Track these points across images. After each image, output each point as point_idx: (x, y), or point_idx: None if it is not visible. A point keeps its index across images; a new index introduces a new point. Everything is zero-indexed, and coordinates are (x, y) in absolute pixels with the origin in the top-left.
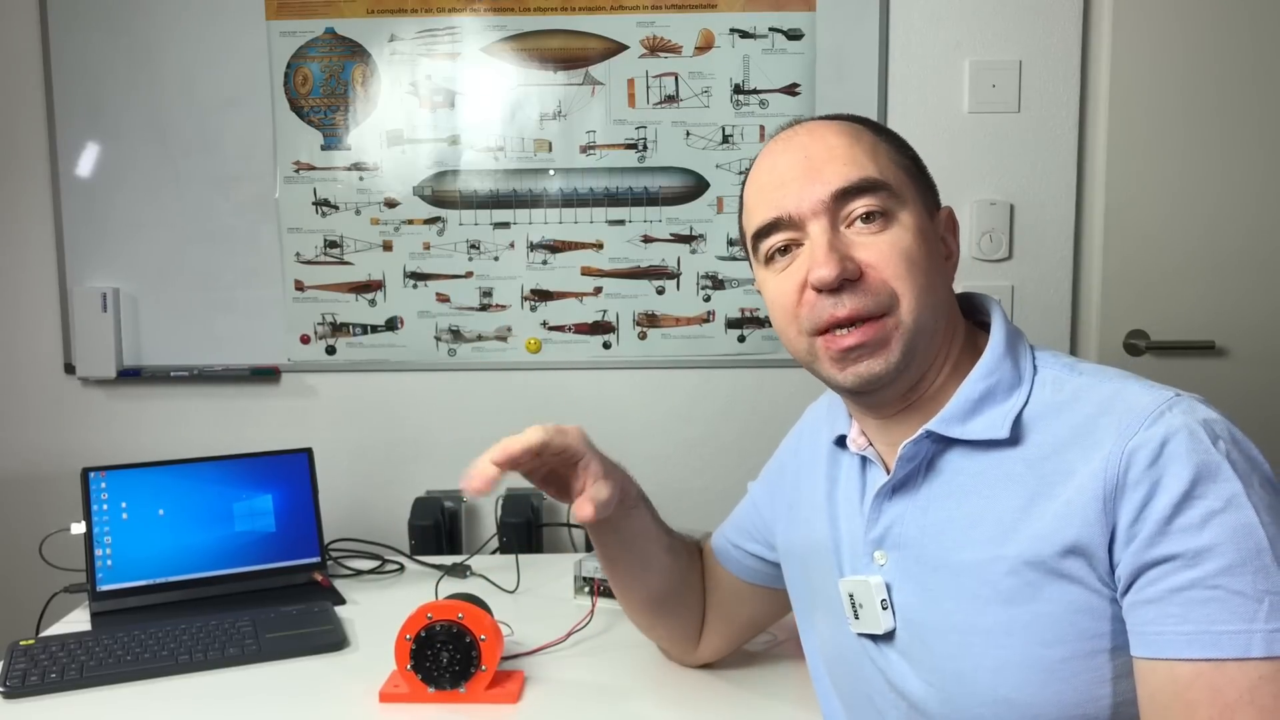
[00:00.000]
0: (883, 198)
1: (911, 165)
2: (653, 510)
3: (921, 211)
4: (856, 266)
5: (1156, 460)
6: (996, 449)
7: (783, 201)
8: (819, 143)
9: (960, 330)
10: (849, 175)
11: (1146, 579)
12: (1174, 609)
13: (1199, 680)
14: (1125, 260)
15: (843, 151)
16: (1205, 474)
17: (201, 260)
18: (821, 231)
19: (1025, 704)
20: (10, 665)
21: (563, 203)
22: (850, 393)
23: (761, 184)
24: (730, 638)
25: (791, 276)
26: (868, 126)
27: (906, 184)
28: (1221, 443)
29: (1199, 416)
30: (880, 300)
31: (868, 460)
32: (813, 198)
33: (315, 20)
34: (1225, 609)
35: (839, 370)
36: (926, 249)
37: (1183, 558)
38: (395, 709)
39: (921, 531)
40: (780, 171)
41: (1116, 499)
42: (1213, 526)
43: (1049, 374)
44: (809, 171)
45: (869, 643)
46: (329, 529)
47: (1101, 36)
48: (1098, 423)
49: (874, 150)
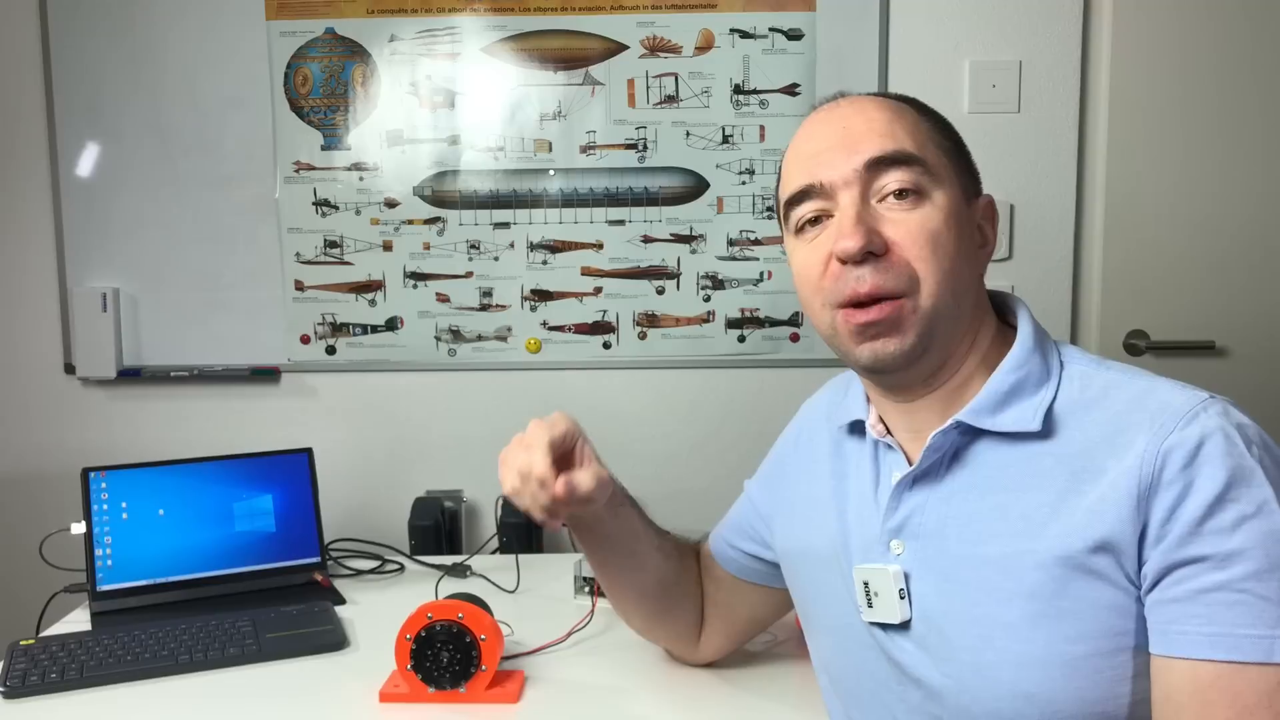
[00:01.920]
0: (917, 173)
1: (954, 148)
2: (640, 511)
3: (958, 195)
4: (883, 241)
5: (1192, 461)
6: (1026, 442)
7: (816, 170)
8: (859, 115)
9: (990, 322)
10: (884, 146)
11: (1174, 578)
12: (1200, 609)
13: (1219, 681)
14: (1125, 260)
15: (882, 125)
16: (1239, 478)
17: (201, 260)
18: (851, 203)
19: (1046, 699)
20: (10, 665)
21: (563, 203)
22: (867, 370)
23: (799, 152)
24: (732, 636)
25: (820, 247)
26: (912, 105)
27: (945, 164)
28: (1255, 448)
29: (1234, 420)
30: (901, 280)
31: (880, 448)
32: (846, 167)
33: (315, 20)
34: (1250, 613)
35: (856, 345)
36: (957, 232)
37: (1212, 560)
38: (395, 709)
39: (943, 522)
40: (817, 140)
41: (1150, 497)
42: (1244, 531)
43: (1076, 369)
44: (846, 142)
45: (879, 632)
46: (329, 529)
47: (1101, 36)
48: (1129, 420)
49: (915, 127)
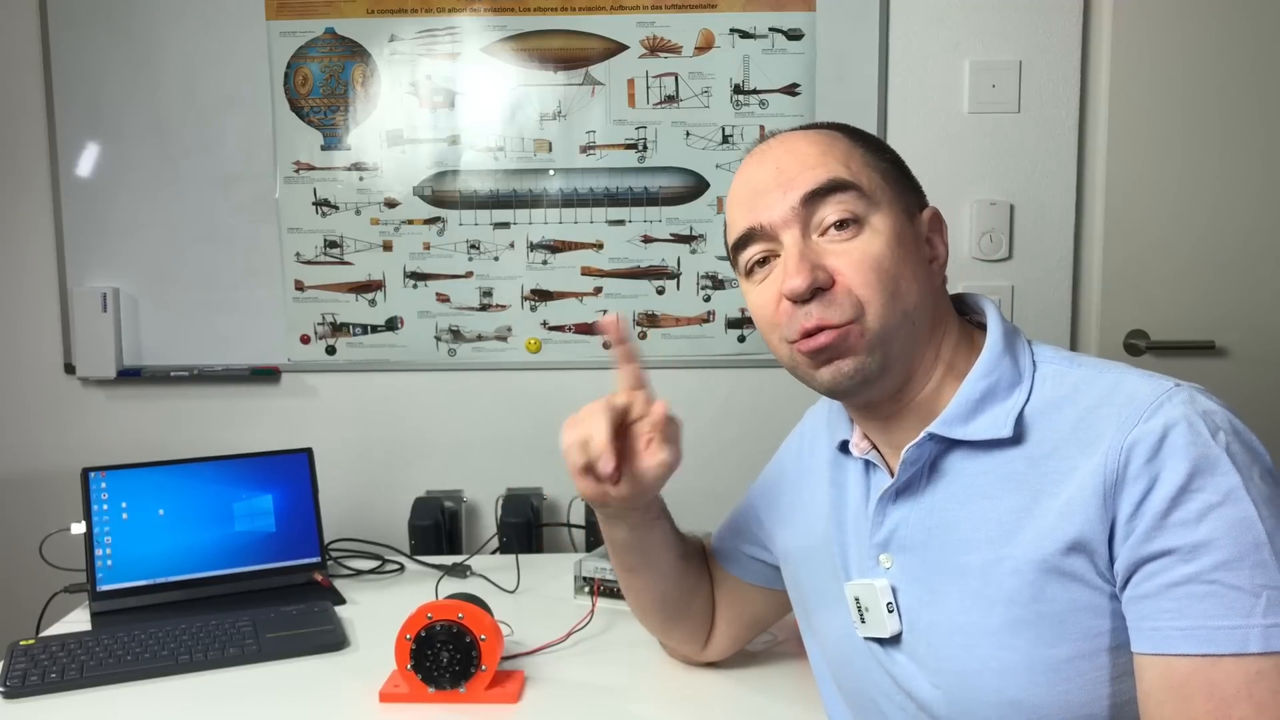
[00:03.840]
0: (853, 199)
1: (890, 168)
2: (673, 521)
3: (899, 214)
4: (829, 275)
5: (1156, 454)
6: (999, 449)
7: (756, 213)
8: (790, 153)
9: (952, 330)
10: (817, 179)
11: (1143, 573)
12: (1170, 604)
13: (1196, 675)
14: (1125, 260)
15: (814, 158)
16: (1203, 467)
17: (201, 260)
18: (794, 241)
19: (1032, 705)
20: (10, 665)
21: (563, 203)
22: (830, 393)
23: (738, 196)
24: (735, 636)
25: (769, 287)
26: (843, 132)
27: (882, 187)
28: (1222, 434)
29: (1199, 408)
30: (845, 310)
31: (870, 464)
32: (784, 206)
33: (315, 20)
34: (1222, 604)
35: (814, 371)
36: (901, 253)
37: (1179, 552)
38: (395, 709)
39: (927, 534)
40: (754, 184)
41: (1116, 493)
42: (1210, 520)
43: (1049, 369)
44: (779, 181)
45: (876, 646)
46: (329, 529)
47: (1101, 36)
48: (1097, 415)
49: (847, 155)
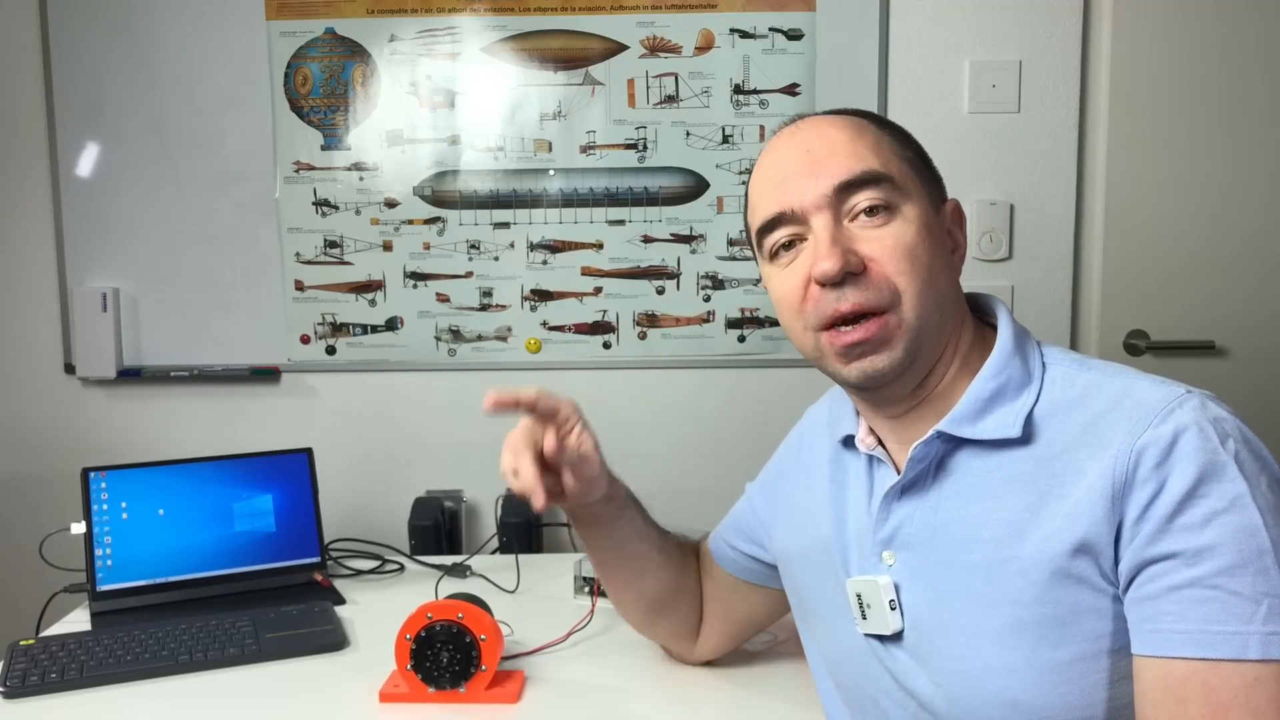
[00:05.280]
0: (885, 190)
1: (916, 158)
2: (644, 511)
3: (926, 205)
4: (860, 260)
5: (1166, 459)
6: (1007, 448)
7: (786, 196)
8: (821, 137)
9: (969, 326)
10: (851, 168)
11: (1146, 575)
12: (1171, 607)
13: (1193, 679)
14: (1125, 260)
15: (845, 145)
16: (1210, 473)
17: (201, 260)
18: (825, 225)
19: (1033, 706)
20: (10, 665)
21: (563, 203)
22: (857, 388)
23: (765, 179)
24: (730, 635)
25: (796, 272)
26: (871, 120)
27: (910, 177)
28: (1231, 442)
29: (1210, 415)
30: (883, 295)
31: (875, 460)
32: (815, 192)
33: (315, 20)
34: (1223, 609)
35: (844, 365)
36: (931, 242)
37: (1183, 556)
38: (395, 709)
39: (932, 532)
40: (783, 166)
41: (1124, 495)
42: (1215, 526)
43: (1058, 371)
44: (812, 166)
45: (876, 643)
46: (329, 529)
47: (1101, 36)
48: (1108, 419)
49: (877, 144)
